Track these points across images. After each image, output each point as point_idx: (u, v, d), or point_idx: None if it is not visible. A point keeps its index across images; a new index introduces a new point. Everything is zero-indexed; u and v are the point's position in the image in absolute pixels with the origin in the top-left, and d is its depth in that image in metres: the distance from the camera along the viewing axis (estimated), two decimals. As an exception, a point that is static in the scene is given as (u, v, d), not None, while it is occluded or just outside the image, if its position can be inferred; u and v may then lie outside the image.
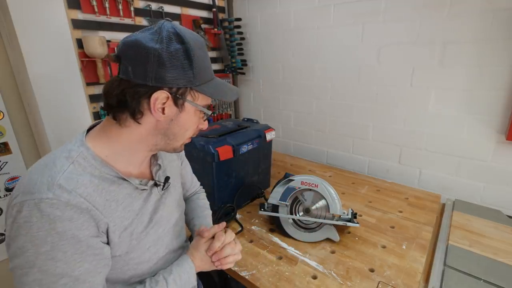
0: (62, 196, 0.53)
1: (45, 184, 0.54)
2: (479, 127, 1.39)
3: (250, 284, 0.98)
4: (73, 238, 0.54)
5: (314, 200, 1.17)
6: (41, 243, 0.52)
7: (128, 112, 0.61)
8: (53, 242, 0.52)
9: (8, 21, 1.28)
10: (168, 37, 0.58)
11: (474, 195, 1.47)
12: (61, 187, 0.54)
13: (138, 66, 0.58)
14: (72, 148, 0.61)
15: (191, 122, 0.68)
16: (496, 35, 1.25)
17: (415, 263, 1.03)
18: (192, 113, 0.66)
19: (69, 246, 0.54)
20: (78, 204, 0.55)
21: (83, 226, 0.56)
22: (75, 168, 0.58)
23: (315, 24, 1.81)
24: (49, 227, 0.52)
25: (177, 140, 0.68)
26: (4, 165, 1.39)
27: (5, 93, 1.37)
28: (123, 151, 0.65)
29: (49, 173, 0.56)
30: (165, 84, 0.59)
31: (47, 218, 0.52)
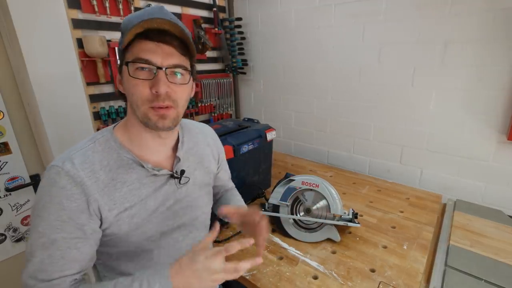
0: (66, 166, 0.62)
1: (64, 157, 0.64)
2: (480, 127, 1.38)
3: (251, 285, 0.98)
4: (59, 204, 0.60)
5: (314, 200, 1.17)
6: (38, 201, 0.61)
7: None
8: (45, 202, 0.60)
9: (8, 21, 1.27)
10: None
11: (475, 195, 1.47)
12: (71, 160, 0.63)
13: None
14: (101, 132, 0.71)
15: (131, 84, 0.64)
16: (497, 35, 1.25)
17: (416, 263, 1.02)
18: (127, 73, 0.64)
19: (54, 211, 0.60)
20: (74, 176, 0.61)
21: (72, 197, 0.61)
22: (94, 147, 0.67)
23: (316, 24, 1.81)
24: (48, 189, 0.61)
25: (136, 108, 0.66)
26: (4, 165, 1.39)
27: (5, 93, 1.37)
28: (133, 134, 0.70)
29: (73, 150, 0.66)
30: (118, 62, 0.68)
31: (49, 181, 0.61)
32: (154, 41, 0.62)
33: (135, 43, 0.63)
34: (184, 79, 0.68)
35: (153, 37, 0.62)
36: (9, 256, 1.48)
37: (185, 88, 0.69)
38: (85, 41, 1.45)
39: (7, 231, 1.46)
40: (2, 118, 1.37)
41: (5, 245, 1.46)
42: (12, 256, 1.50)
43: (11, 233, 1.47)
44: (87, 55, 1.48)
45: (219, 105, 2.29)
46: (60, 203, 0.60)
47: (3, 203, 1.42)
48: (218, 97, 2.26)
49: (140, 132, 0.70)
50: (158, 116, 0.65)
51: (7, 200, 1.43)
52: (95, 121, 1.60)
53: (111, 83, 1.63)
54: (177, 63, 0.65)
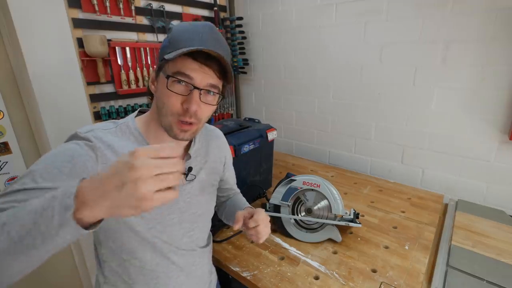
0: (87, 133, 0.66)
1: (87, 129, 0.68)
2: (482, 126, 1.38)
3: (252, 285, 0.98)
4: (70, 151, 0.62)
5: (316, 200, 1.16)
6: (51, 152, 0.62)
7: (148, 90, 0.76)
8: (57, 152, 0.62)
9: (8, 21, 1.27)
10: (170, 28, 0.74)
11: (477, 195, 1.46)
12: (94, 133, 0.67)
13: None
14: (122, 119, 0.75)
15: (165, 94, 0.67)
16: (499, 34, 1.24)
17: (418, 264, 1.02)
18: (163, 83, 0.67)
19: (61, 157, 0.60)
20: (93, 144, 0.65)
21: (86, 154, 0.63)
22: (115, 131, 0.71)
23: (317, 23, 1.80)
24: (62, 144, 0.65)
25: (162, 115, 0.69)
26: (4, 165, 1.39)
27: (5, 92, 1.37)
28: (154, 130, 0.74)
29: (95, 126, 0.70)
30: (158, 63, 0.70)
31: (67, 140, 0.66)
32: (199, 61, 0.65)
33: (180, 58, 0.65)
34: (214, 100, 0.71)
35: (199, 59, 0.65)
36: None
37: (213, 107, 0.72)
38: (86, 41, 1.44)
39: (7, 231, 1.45)
40: (2, 118, 1.36)
41: (5, 245, 1.45)
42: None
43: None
44: (87, 54, 1.48)
45: (220, 104, 2.29)
46: (71, 156, 0.61)
47: (3, 203, 1.42)
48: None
49: (159, 131, 0.74)
50: (180, 130, 0.69)
51: (7, 200, 1.42)
52: (95, 121, 1.59)
53: (112, 82, 1.63)
54: (213, 84, 0.68)
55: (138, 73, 1.68)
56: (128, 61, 1.64)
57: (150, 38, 1.77)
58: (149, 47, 1.72)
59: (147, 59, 1.72)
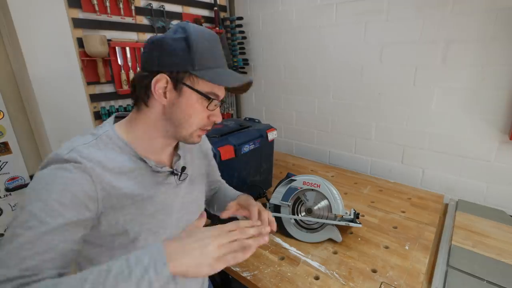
0: (70, 154, 0.60)
1: (67, 148, 0.61)
2: (482, 126, 1.38)
3: (252, 285, 0.98)
4: (64, 185, 0.56)
5: (316, 200, 1.16)
6: (35, 184, 0.56)
7: (139, 96, 0.68)
8: (44, 184, 0.56)
9: (8, 21, 1.27)
10: (174, 29, 0.65)
11: (477, 195, 1.46)
12: (78, 151, 0.61)
13: (147, 56, 0.66)
14: (100, 128, 0.69)
15: (193, 109, 0.68)
16: (499, 34, 1.24)
17: (418, 264, 1.02)
18: (194, 99, 0.68)
19: (56, 190, 0.55)
20: (82, 162, 0.59)
21: (76, 176, 0.58)
22: (96, 143, 0.65)
23: (317, 23, 1.80)
24: (50, 172, 0.57)
25: (183, 127, 0.70)
26: (4, 165, 1.39)
27: (5, 92, 1.37)
28: (142, 136, 0.70)
29: (74, 143, 0.63)
30: (165, 68, 0.65)
31: (55, 169, 0.58)
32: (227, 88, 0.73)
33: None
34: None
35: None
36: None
37: None
38: (86, 41, 1.44)
39: (8, 231, 1.45)
40: (2, 118, 1.36)
41: (6, 245, 1.45)
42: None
43: (11, 233, 1.46)
44: (87, 54, 1.48)
45: (220, 104, 2.28)
46: (65, 184, 0.56)
47: (3, 203, 1.42)
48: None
49: (152, 136, 0.71)
50: (199, 136, 0.73)
51: (7, 200, 1.42)
52: (95, 121, 1.59)
53: (112, 82, 1.63)
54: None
55: (138, 73, 1.68)
56: (128, 61, 1.64)
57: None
58: (149, 47, 1.71)
59: (147, 59, 1.72)
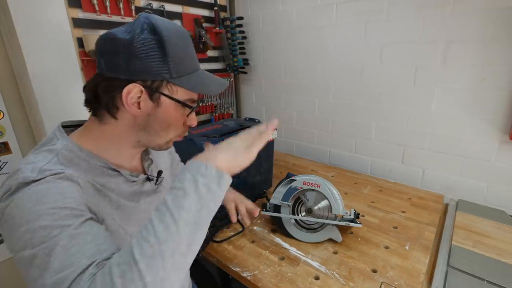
0: (46, 173, 0.51)
1: (31, 170, 0.50)
2: (483, 126, 1.37)
3: (252, 285, 0.98)
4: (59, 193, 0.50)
5: (316, 200, 1.16)
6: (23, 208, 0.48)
7: (103, 107, 0.60)
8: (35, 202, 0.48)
9: (8, 20, 1.27)
10: (140, 27, 0.56)
11: (477, 195, 1.46)
12: (41, 168, 0.52)
13: (110, 59, 0.57)
14: (55, 143, 0.59)
15: (172, 118, 0.64)
16: (499, 34, 1.24)
17: (418, 264, 1.02)
18: (172, 108, 0.63)
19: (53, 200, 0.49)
20: (61, 172, 0.52)
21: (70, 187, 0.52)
22: (59, 161, 0.56)
23: (318, 23, 1.80)
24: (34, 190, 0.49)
25: (159, 136, 0.65)
26: (4, 165, 1.39)
27: (5, 92, 1.37)
28: (108, 147, 0.64)
29: (36, 164, 0.53)
30: (137, 76, 0.57)
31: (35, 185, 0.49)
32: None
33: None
34: None
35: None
36: (9, 257, 1.48)
37: None
38: (86, 40, 1.44)
39: (8, 231, 1.45)
40: (2, 118, 1.36)
41: (6, 245, 1.45)
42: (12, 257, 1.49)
43: (11, 233, 1.46)
44: (87, 54, 1.47)
45: (220, 104, 2.29)
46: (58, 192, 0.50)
47: (4, 203, 1.42)
48: (219, 97, 2.25)
49: (121, 146, 0.66)
50: (172, 143, 0.70)
51: (7, 200, 1.42)
52: (68, 120, 1.59)
53: (112, 82, 1.63)
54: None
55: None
56: (128, 61, 1.64)
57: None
58: (149, 47, 1.71)
59: (147, 59, 1.72)
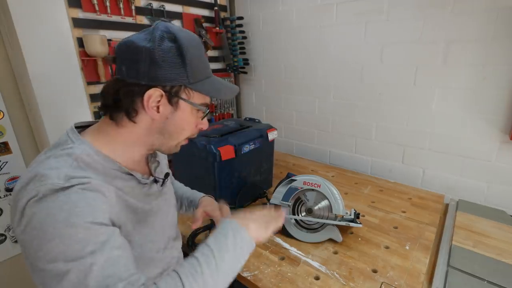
0: (73, 181, 0.52)
1: (57, 177, 0.52)
2: (483, 126, 1.37)
3: (252, 285, 0.98)
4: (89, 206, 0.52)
5: (316, 200, 1.16)
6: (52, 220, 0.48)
7: (124, 112, 0.62)
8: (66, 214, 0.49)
9: (8, 20, 1.27)
10: (160, 36, 0.59)
11: (477, 195, 1.46)
12: (67, 175, 0.53)
13: (130, 65, 0.60)
14: (72, 146, 0.61)
15: (187, 121, 0.67)
16: (499, 34, 1.24)
17: (418, 264, 1.02)
18: (188, 112, 0.66)
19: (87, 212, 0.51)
20: (87, 182, 0.54)
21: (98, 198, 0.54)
22: (78, 165, 0.57)
23: (318, 23, 1.80)
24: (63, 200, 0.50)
25: (172, 139, 0.68)
26: (4, 165, 1.39)
27: (5, 92, 1.37)
28: (122, 150, 0.66)
29: (61, 169, 0.54)
30: (158, 82, 0.60)
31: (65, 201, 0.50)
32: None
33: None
34: None
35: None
36: (9, 257, 1.48)
37: None
38: (86, 40, 1.44)
39: (7, 232, 1.45)
40: (2, 118, 1.36)
41: (5, 245, 1.45)
42: (12, 257, 1.49)
43: (11, 234, 1.46)
44: (87, 54, 1.47)
45: (220, 104, 2.29)
46: (89, 204, 0.52)
47: (3, 203, 1.42)
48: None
49: (134, 150, 0.68)
50: (181, 146, 0.73)
51: (7, 200, 1.42)
52: (81, 121, 1.59)
53: (112, 82, 1.63)
54: None
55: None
56: (128, 61, 1.64)
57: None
58: (149, 47, 1.71)
59: (147, 59, 1.72)
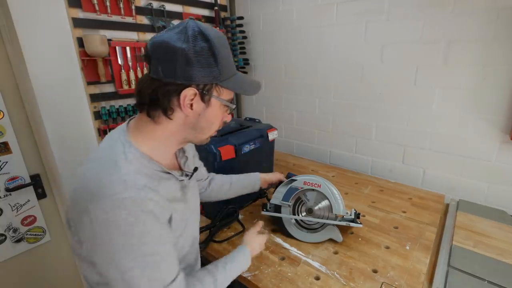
0: (138, 194, 0.59)
1: (121, 185, 0.59)
2: (483, 126, 1.37)
3: (252, 285, 0.98)
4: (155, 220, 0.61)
5: (317, 200, 1.16)
6: (133, 234, 0.58)
7: (161, 109, 0.66)
8: (140, 232, 0.58)
9: (8, 20, 1.27)
10: (193, 36, 0.62)
11: (478, 195, 1.46)
12: (131, 186, 0.59)
13: (167, 65, 0.63)
14: (124, 150, 0.66)
15: (216, 116, 0.72)
16: (500, 34, 1.24)
17: (419, 264, 1.02)
18: (218, 107, 0.71)
19: (153, 228, 0.61)
20: (155, 199, 0.62)
21: (159, 212, 0.63)
22: (133, 169, 0.63)
23: (318, 23, 1.80)
24: (135, 219, 0.58)
25: (204, 133, 0.74)
26: (4, 165, 1.38)
27: (5, 92, 1.37)
28: (158, 146, 0.71)
29: (119, 176, 0.60)
30: (193, 81, 0.64)
31: (132, 212, 0.57)
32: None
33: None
34: None
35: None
36: (9, 257, 1.48)
37: None
38: (86, 40, 1.44)
39: (7, 232, 1.45)
40: (2, 118, 1.36)
41: (5, 245, 1.45)
42: (12, 257, 1.49)
43: (11, 234, 1.46)
44: (87, 54, 1.47)
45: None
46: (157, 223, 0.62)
47: (3, 203, 1.42)
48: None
49: (169, 145, 0.73)
50: (211, 138, 0.79)
51: (7, 200, 1.42)
52: (95, 121, 1.59)
53: (112, 82, 1.63)
54: None
55: (139, 73, 1.68)
56: (129, 60, 1.64)
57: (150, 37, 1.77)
58: (150, 47, 1.71)
59: (147, 58, 1.72)
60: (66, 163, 1.48)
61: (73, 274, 1.76)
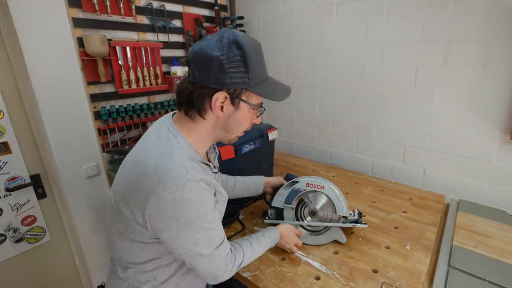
0: (192, 175, 0.69)
1: (182, 169, 0.69)
2: (484, 126, 1.37)
3: (253, 285, 0.97)
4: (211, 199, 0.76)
5: (320, 202, 1.15)
6: (197, 207, 0.71)
7: (195, 110, 0.75)
8: (202, 205, 0.72)
9: (8, 20, 1.27)
10: (228, 44, 0.69)
11: (478, 195, 1.45)
12: (192, 169, 0.71)
13: (203, 71, 0.71)
14: (178, 140, 0.75)
15: (245, 118, 0.80)
16: (500, 34, 1.24)
17: (419, 264, 1.02)
18: (247, 111, 0.78)
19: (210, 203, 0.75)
20: (206, 179, 0.73)
21: (211, 191, 0.76)
22: (187, 156, 0.74)
23: (318, 23, 1.80)
24: (197, 195, 0.70)
25: (233, 133, 0.81)
26: (4, 165, 1.38)
27: (5, 92, 1.37)
28: (197, 141, 0.79)
29: (179, 162, 0.71)
30: (224, 86, 0.71)
31: (196, 190, 0.70)
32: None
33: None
34: None
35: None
36: (9, 257, 1.48)
37: None
38: (86, 40, 1.44)
39: (7, 232, 1.45)
40: (2, 118, 1.36)
41: (5, 245, 1.45)
42: (12, 257, 1.49)
43: (11, 234, 1.46)
44: (87, 54, 1.47)
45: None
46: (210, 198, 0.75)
47: (3, 203, 1.42)
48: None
49: (204, 141, 0.82)
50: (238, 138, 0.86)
51: (7, 200, 1.42)
52: (95, 121, 1.59)
53: (112, 82, 1.63)
54: None
55: (139, 73, 1.68)
56: (129, 60, 1.64)
57: (150, 37, 1.77)
58: (150, 47, 1.72)
59: (147, 58, 1.72)
60: (66, 163, 1.48)
61: (73, 274, 1.76)
